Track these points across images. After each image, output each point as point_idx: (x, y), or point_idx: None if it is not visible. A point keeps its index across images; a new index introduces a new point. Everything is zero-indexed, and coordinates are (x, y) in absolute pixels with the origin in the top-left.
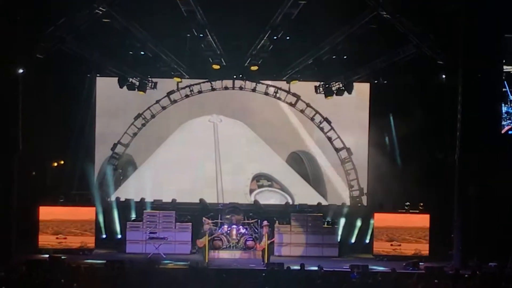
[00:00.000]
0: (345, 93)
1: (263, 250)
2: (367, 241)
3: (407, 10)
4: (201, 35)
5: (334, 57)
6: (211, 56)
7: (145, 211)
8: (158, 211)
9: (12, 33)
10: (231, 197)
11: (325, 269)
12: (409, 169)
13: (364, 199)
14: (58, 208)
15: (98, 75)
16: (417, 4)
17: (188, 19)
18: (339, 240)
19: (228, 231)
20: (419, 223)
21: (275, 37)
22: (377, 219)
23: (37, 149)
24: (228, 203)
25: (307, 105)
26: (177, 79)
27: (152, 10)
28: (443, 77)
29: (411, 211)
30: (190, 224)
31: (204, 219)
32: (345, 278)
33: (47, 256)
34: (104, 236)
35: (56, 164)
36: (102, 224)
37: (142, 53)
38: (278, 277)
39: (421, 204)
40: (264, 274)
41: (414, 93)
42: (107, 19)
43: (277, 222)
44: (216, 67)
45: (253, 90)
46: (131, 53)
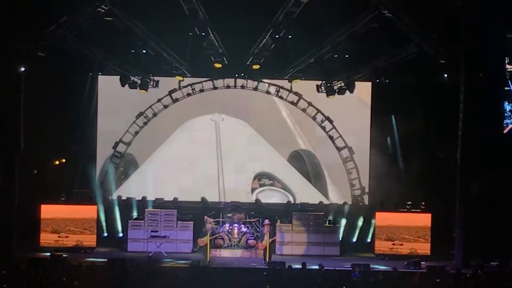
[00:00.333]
0: (346, 92)
1: (265, 249)
2: (368, 240)
3: (408, 9)
4: (203, 33)
5: (336, 56)
6: (213, 54)
7: (146, 209)
8: (159, 210)
9: (14, 31)
10: (233, 195)
11: (327, 268)
12: (410, 168)
13: (366, 198)
14: (59, 207)
15: (100, 73)
16: (419, 3)
17: (190, 17)
18: (340, 239)
19: (230, 230)
20: (420, 222)
21: (277, 36)
22: (378, 218)
23: (39, 147)
24: (229, 201)
25: (309, 104)
26: (179, 78)
27: (154, 9)
28: (445, 76)
29: (412, 210)
30: (191, 222)
31: (206, 218)
32: (346, 277)
33: (48, 254)
34: (106, 234)
35: (57, 163)
36: (103, 222)
37: (144, 51)
38: (279, 276)
39: (423, 204)
40: (266, 273)
41: (416, 92)
42: (109, 17)
43: (278, 221)
44: (218, 65)
45: (255, 89)
46: (133, 51)
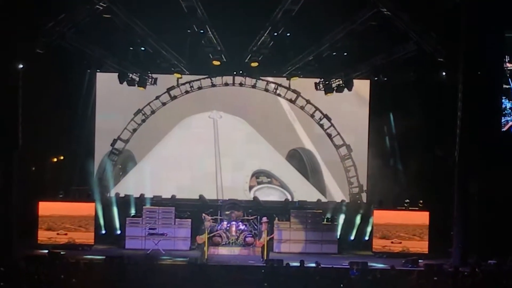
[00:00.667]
0: (345, 90)
1: (263, 247)
2: (366, 238)
3: (407, 7)
4: (202, 31)
5: (335, 53)
6: (211, 52)
7: (144, 207)
8: (157, 207)
9: (12, 28)
10: (231, 193)
11: (325, 265)
12: (409, 166)
13: (364, 196)
14: (57, 204)
15: (98, 70)
16: (418, 1)
17: (188, 15)
18: (338, 237)
19: (228, 228)
20: (418, 220)
21: (275, 34)
22: (376, 216)
23: (37, 145)
24: (227, 199)
25: (307, 101)
26: (177, 75)
27: (152, 6)
28: (443, 74)
29: (410, 208)
30: (189, 220)
31: (204, 215)
32: (344, 275)
33: (46, 251)
34: (104, 232)
35: (55, 160)
36: (101, 219)
37: (142, 48)
38: (277, 273)
39: (421, 202)
40: (264, 271)
41: (414, 90)
42: (107, 14)
43: (276, 218)
44: (217, 63)
45: (253, 87)
46: (131, 48)
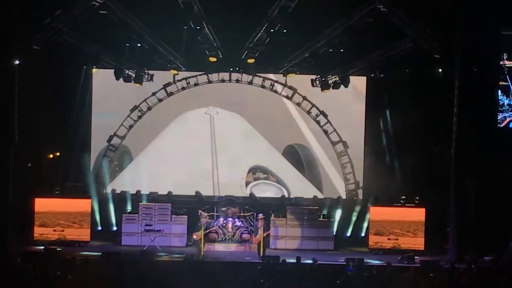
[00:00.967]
0: (341, 86)
1: (259, 243)
2: (362, 234)
3: (404, 3)
4: (198, 27)
5: (331, 50)
6: (207, 48)
7: (140, 203)
8: (153, 204)
9: (8, 24)
10: (227, 189)
11: (321, 262)
12: (405, 163)
13: (360, 193)
14: (53, 200)
15: (95, 66)
16: None
17: (185, 11)
18: (334, 234)
19: (224, 224)
20: (414, 217)
21: (272, 30)
22: (372, 212)
23: (33, 141)
24: (224, 195)
25: (304, 98)
26: (174, 72)
27: (149, 2)
28: (439, 70)
29: (406, 205)
30: (186, 216)
31: (200, 211)
32: (340, 271)
33: (42, 248)
34: (100, 228)
35: (52, 156)
36: (97, 216)
37: (138, 45)
38: (273, 270)
39: (417, 198)
40: (260, 267)
41: (410, 86)
42: (104, 10)
43: (273, 215)
44: (213, 59)
45: (250, 83)
46: (127, 45)
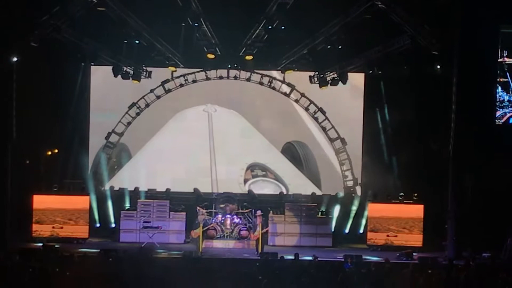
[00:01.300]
0: (339, 83)
1: (257, 240)
2: (361, 231)
3: (402, 0)
4: (196, 24)
5: (329, 47)
6: (206, 45)
7: (139, 200)
8: (152, 200)
9: (6, 21)
10: (225, 186)
11: (319, 259)
12: (403, 159)
13: (358, 189)
14: (52, 197)
15: (93, 63)
16: None
17: (183, 8)
18: (333, 230)
19: (222, 221)
20: (413, 213)
21: (270, 27)
22: (371, 209)
23: (31, 138)
24: (222, 192)
25: (302, 95)
26: (172, 68)
27: None
28: (437, 67)
29: (405, 201)
30: (184, 213)
31: (198, 208)
32: (338, 268)
33: (40, 244)
34: (98, 225)
35: (50, 153)
36: (96, 213)
37: (136, 42)
38: (272, 266)
39: (415, 195)
40: (258, 264)
41: (408, 83)
42: (101, 7)
43: (271, 212)
44: (211, 56)
45: (248, 80)
46: (125, 42)
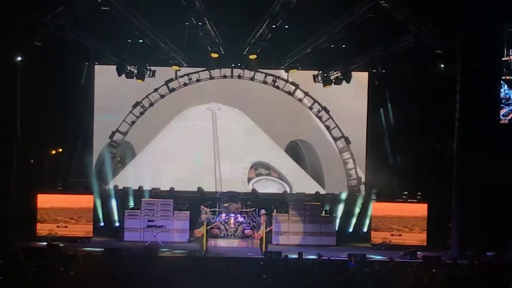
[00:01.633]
0: (343, 82)
1: (261, 239)
2: (365, 230)
3: None
4: (200, 23)
5: (333, 46)
6: (209, 44)
7: (143, 199)
8: (156, 199)
9: (10, 20)
10: (229, 185)
11: (323, 258)
12: (407, 158)
13: (362, 188)
14: (56, 196)
15: (97, 63)
16: None
17: (187, 7)
18: (337, 229)
19: (226, 220)
20: (417, 212)
21: (273, 26)
22: (375, 208)
23: (35, 137)
24: (226, 191)
25: (306, 94)
26: (176, 68)
27: None
28: (441, 66)
29: (409, 200)
30: (188, 212)
31: (202, 207)
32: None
33: (45, 244)
34: (102, 224)
35: (54, 152)
36: (100, 212)
37: (140, 41)
38: (275, 265)
39: (419, 194)
40: (262, 263)
41: (412, 82)
42: (105, 7)
43: (275, 210)
44: (215, 55)
45: (252, 79)
46: (129, 41)
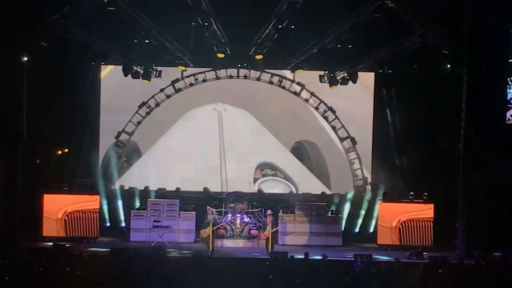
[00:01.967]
0: (349, 82)
1: (267, 239)
2: (371, 230)
3: None
4: (206, 23)
5: (339, 46)
6: (215, 44)
7: (149, 199)
8: (162, 200)
9: (17, 20)
10: (235, 186)
11: (329, 258)
12: (413, 158)
13: (368, 189)
14: (62, 196)
15: (103, 63)
16: None
17: (193, 7)
18: (343, 230)
19: (232, 220)
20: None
21: (280, 26)
22: (381, 208)
23: (42, 137)
24: (232, 192)
25: (312, 94)
26: (182, 68)
27: None
28: (447, 66)
29: (415, 200)
30: (194, 212)
31: (208, 208)
32: (348, 267)
33: (51, 244)
34: (108, 224)
35: (60, 152)
36: (106, 212)
37: (146, 41)
38: (281, 266)
39: (426, 194)
40: (268, 263)
41: (418, 82)
42: (112, 7)
43: (281, 211)
44: (221, 55)
45: (258, 79)
46: (135, 41)
